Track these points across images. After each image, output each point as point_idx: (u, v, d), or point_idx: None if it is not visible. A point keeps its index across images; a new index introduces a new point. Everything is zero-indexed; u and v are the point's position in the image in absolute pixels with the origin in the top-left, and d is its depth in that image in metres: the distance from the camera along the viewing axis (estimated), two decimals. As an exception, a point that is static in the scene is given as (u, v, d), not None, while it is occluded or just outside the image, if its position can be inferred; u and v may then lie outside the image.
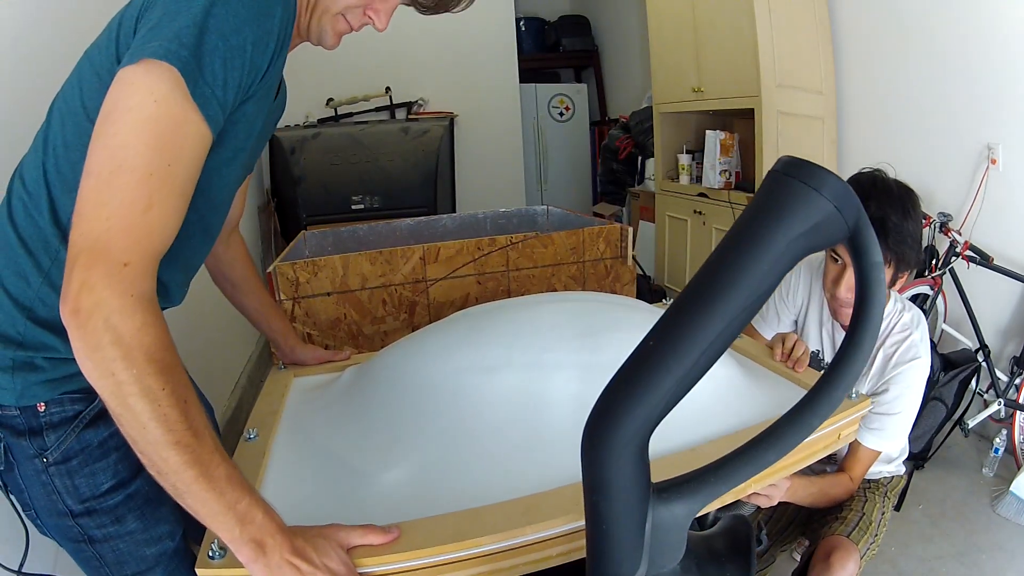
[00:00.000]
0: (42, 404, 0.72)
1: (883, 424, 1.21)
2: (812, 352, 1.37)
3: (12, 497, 0.78)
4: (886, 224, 1.15)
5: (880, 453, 1.24)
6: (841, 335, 1.31)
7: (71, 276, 0.55)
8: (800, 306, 1.41)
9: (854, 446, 1.24)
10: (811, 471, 1.24)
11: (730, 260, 0.35)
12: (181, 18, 0.59)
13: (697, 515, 0.41)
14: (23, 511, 0.78)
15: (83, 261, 0.55)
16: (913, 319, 1.26)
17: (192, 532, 0.84)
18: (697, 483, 0.39)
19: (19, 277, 0.71)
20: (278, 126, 0.89)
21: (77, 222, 0.56)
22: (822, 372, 1.32)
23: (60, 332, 0.70)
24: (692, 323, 0.34)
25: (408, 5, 0.80)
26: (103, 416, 0.75)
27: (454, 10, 0.82)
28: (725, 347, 0.35)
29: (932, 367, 1.28)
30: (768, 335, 1.43)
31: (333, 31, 0.78)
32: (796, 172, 0.34)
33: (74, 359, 0.71)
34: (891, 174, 1.24)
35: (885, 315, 1.27)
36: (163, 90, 0.58)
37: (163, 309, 0.84)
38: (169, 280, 0.81)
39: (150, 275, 0.58)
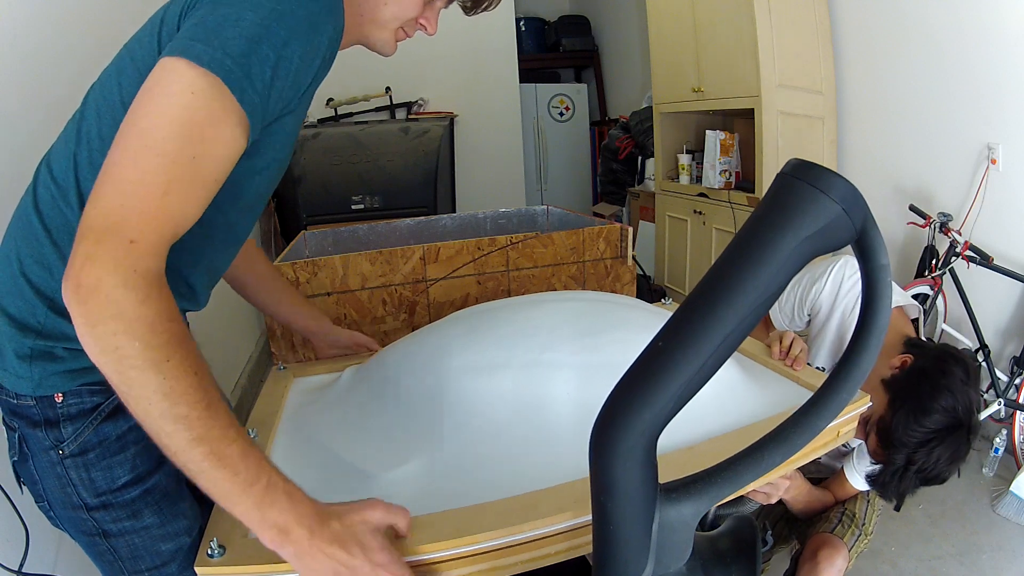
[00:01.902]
0: (59, 395, 0.71)
1: (874, 472, 1.22)
2: (817, 368, 1.37)
3: (24, 487, 0.77)
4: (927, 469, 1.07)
5: None
6: None
7: (76, 251, 0.54)
8: (819, 311, 1.39)
9: (843, 479, 1.27)
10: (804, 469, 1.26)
11: (739, 262, 0.35)
12: (229, 28, 0.59)
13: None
14: (36, 502, 0.77)
15: (91, 236, 0.54)
16: None
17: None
18: (705, 483, 0.39)
19: (42, 267, 0.70)
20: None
21: (93, 198, 0.56)
22: (825, 373, 1.31)
23: None
24: (701, 324, 0.34)
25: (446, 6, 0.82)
26: (122, 409, 0.72)
27: (493, 7, 0.85)
28: (734, 348, 0.35)
29: None
30: (778, 322, 1.44)
31: (394, 41, 0.80)
32: (804, 174, 0.34)
33: None
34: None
35: None
36: (202, 85, 0.57)
37: (188, 311, 0.83)
38: (196, 282, 0.80)
39: (157, 255, 0.57)
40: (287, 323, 1.19)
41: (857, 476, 1.24)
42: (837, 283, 1.37)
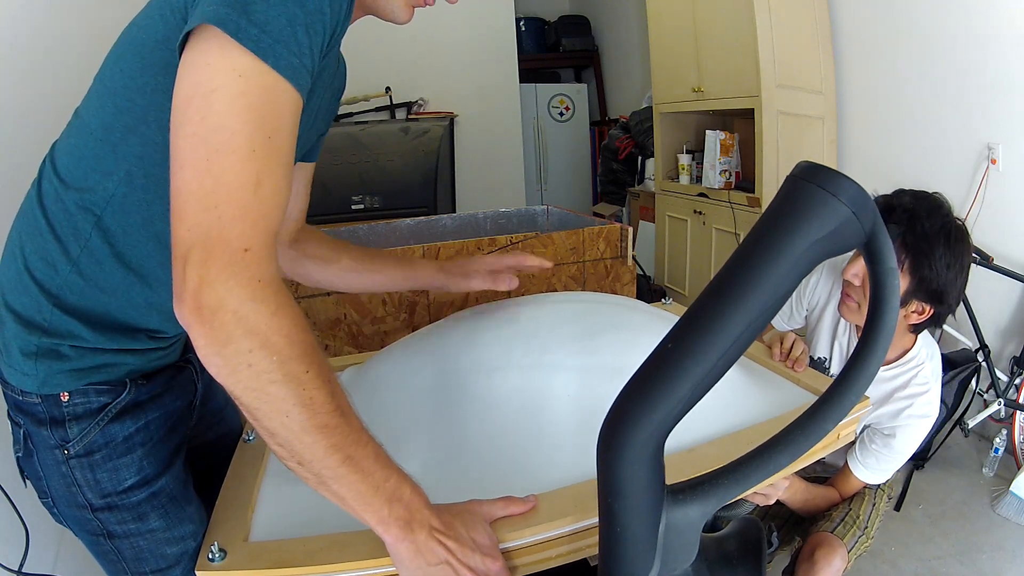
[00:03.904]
0: (65, 394, 0.70)
1: (879, 464, 1.24)
2: (818, 359, 1.38)
3: (29, 482, 0.77)
4: (914, 227, 1.11)
5: None
6: (851, 349, 1.32)
7: (184, 273, 0.51)
8: (816, 305, 1.41)
9: (847, 472, 1.27)
10: (803, 472, 1.26)
11: (748, 264, 0.34)
12: None
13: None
14: (40, 498, 0.76)
15: (197, 255, 0.50)
16: (934, 372, 1.26)
17: None
18: (711, 485, 0.39)
19: (46, 263, 0.69)
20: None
21: (180, 217, 0.52)
22: (830, 376, 1.31)
23: (88, 320, 0.69)
24: (711, 326, 0.34)
25: None
26: (130, 411, 0.73)
27: None
28: (743, 350, 0.35)
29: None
30: (777, 322, 1.44)
31: (405, 2, 0.73)
32: (814, 177, 0.34)
33: (103, 349, 0.70)
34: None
35: (910, 358, 1.25)
36: (246, 63, 0.52)
37: None
38: None
39: (272, 257, 0.54)
40: (381, 287, 1.09)
41: (861, 467, 1.24)
42: (831, 273, 1.38)
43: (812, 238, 0.34)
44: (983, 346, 2.20)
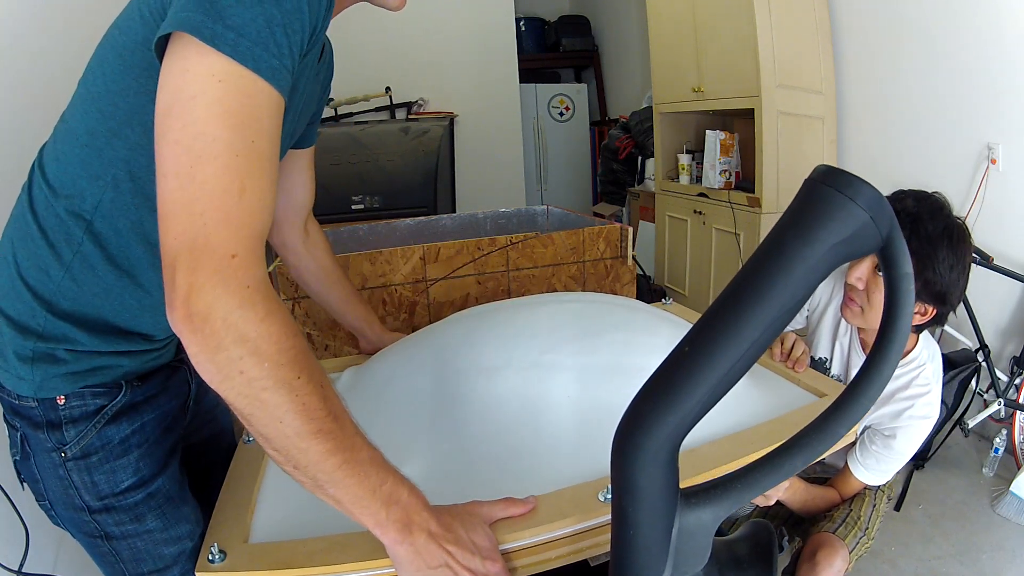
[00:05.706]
0: (61, 397, 0.70)
1: (880, 465, 1.24)
2: (819, 359, 1.38)
3: (25, 485, 0.77)
4: (918, 231, 1.12)
5: None
6: (854, 352, 1.32)
7: (174, 282, 0.51)
8: (817, 306, 1.41)
9: (847, 473, 1.27)
10: (803, 472, 1.26)
11: (766, 268, 0.34)
12: None
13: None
14: (37, 501, 0.76)
15: (185, 263, 0.51)
16: (935, 373, 1.26)
17: None
18: (724, 489, 0.39)
19: (39, 270, 0.68)
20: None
21: (167, 226, 0.52)
22: (830, 377, 1.31)
23: (82, 324, 0.69)
24: (728, 330, 0.34)
25: None
26: (125, 412, 0.73)
27: None
28: (759, 354, 0.35)
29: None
30: None
31: None
32: (832, 181, 0.34)
33: (98, 352, 0.71)
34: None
35: (912, 359, 1.25)
36: (224, 67, 0.52)
37: None
38: None
39: (260, 262, 0.54)
40: (336, 317, 1.19)
41: (861, 468, 1.24)
42: (832, 274, 1.38)
43: (829, 242, 0.34)
44: (983, 346, 2.20)
